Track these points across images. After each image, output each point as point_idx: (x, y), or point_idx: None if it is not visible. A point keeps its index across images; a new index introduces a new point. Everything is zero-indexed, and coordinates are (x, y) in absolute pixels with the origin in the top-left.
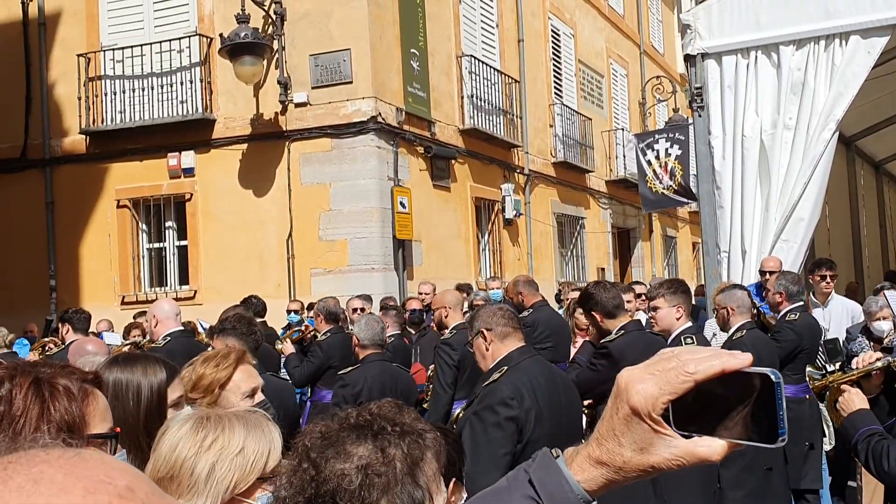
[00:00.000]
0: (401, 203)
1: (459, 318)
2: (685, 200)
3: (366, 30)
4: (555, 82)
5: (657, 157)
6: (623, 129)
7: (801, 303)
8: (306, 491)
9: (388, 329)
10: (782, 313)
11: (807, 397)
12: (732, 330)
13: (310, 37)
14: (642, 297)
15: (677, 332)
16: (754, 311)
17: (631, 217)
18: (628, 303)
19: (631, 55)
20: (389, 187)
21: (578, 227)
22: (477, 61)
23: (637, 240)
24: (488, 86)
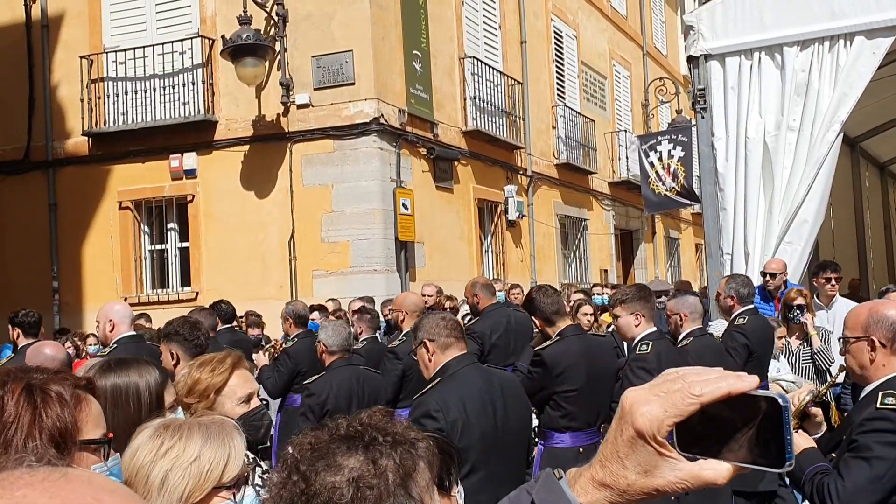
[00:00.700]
0: (403, 204)
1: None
2: (688, 202)
3: (368, 31)
4: (557, 84)
5: (660, 159)
6: (626, 131)
7: (750, 306)
8: None
9: (362, 333)
10: (732, 317)
11: None
12: (681, 337)
13: (312, 38)
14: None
15: (638, 338)
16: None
17: (634, 219)
18: None
19: (634, 56)
20: (392, 189)
21: (581, 229)
22: (479, 63)
23: (640, 241)
24: (491, 87)
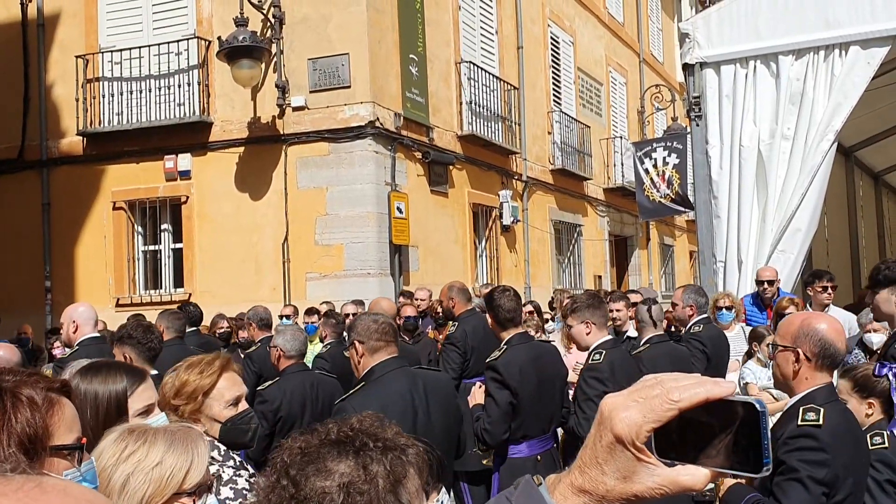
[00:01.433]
0: (398, 208)
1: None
2: (682, 209)
3: (364, 34)
4: (554, 89)
5: (655, 166)
6: (621, 137)
7: (705, 315)
8: None
9: (326, 337)
10: (688, 326)
11: None
12: (641, 343)
13: (308, 41)
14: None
15: (592, 347)
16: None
17: (628, 225)
18: (618, 311)
19: (630, 63)
20: (386, 192)
21: (576, 235)
22: (476, 67)
23: (634, 248)
24: (487, 92)
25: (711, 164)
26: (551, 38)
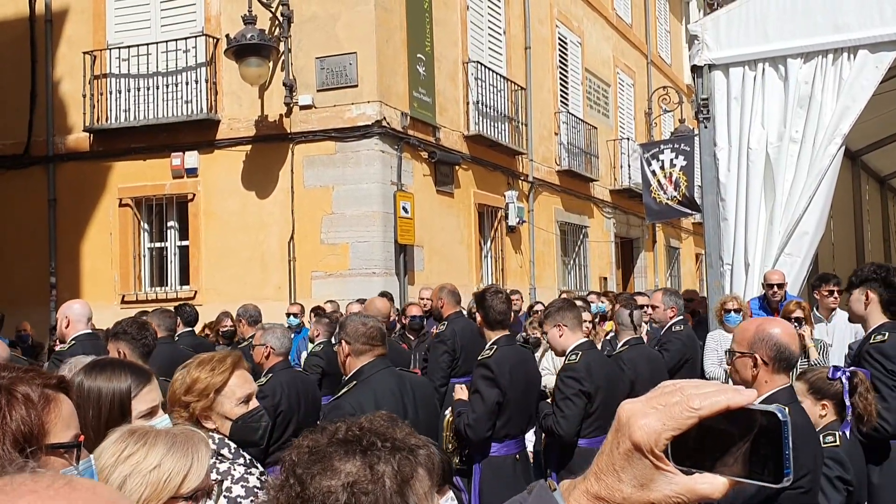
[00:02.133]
0: (403, 208)
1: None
2: (689, 211)
3: (372, 34)
4: (561, 90)
5: (662, 168)
6: (628, 139)
7: (682, 316)
8: None
9: (318, 336)
10: (668, 325)
11: None
12: (619, 345)
13: (316, 39)
14: (643, 308)
15: (569, 349)
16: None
17: (634, 227)
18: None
19: (638, 65)
20: (392, 192)
21: (581, 236)
22: (483, 67)
23: (640, 250)
24: (494, 92)
25: (719, 167)
26: (559, 38)
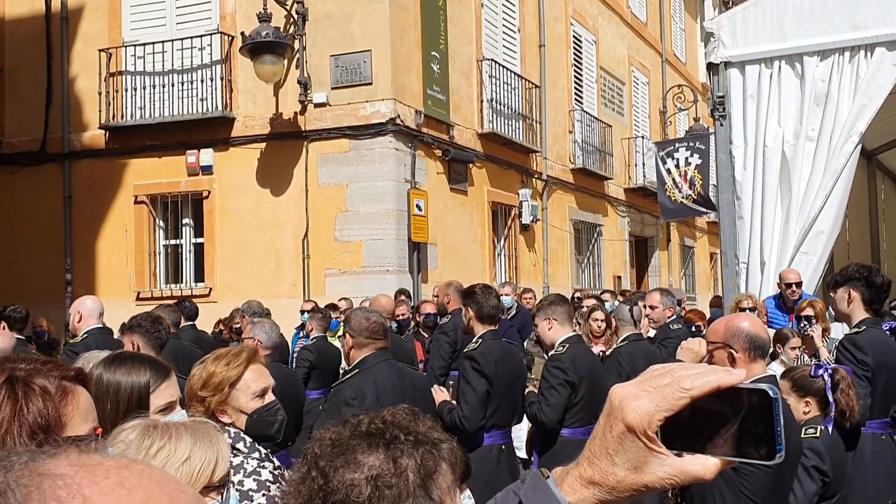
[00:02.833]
0: (417, 206)
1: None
2: (704, 210)
3: (387, 31)
4: (575, 88)
5: (677, 166)
6: (643, 137)
7: (680, 315)
8: (314, 501)
9: (312, 331)
10: (666, 324)
11: None
12: (618, 341)
13: (331, 37)
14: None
15: (558, 341)
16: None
17: (649, 226)
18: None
19: (653, 63)
20: (406, 189)
21: (596, 235)
22: (497, 65)
23: (654, 249)
24: (508, 90)
25: (735, 165)
26: (574, 36)
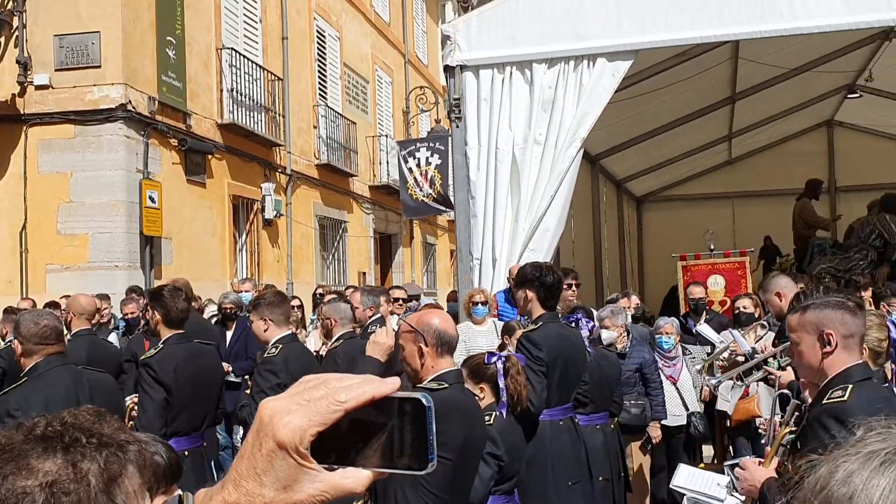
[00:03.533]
0: (150, 197)
1: None
2: (443, 209)
3: (118, 12)
4: (319, 83)
5: (418, 165)
6: (387, 136)
7: (380, 315)
8: None
9: (7, 335)
10: (366, 325)
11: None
12: (333, 339)
13: (55, 15)
14: (399, 302)
15: (271, 343)
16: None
17: (393, 223)
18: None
19: (396, 63)
20: (138, 180)
21: (341, 231)
22: (238, 55)
23: (398, 246)
24: (250, 81)
25: (470, 165)
26: (317, 31)
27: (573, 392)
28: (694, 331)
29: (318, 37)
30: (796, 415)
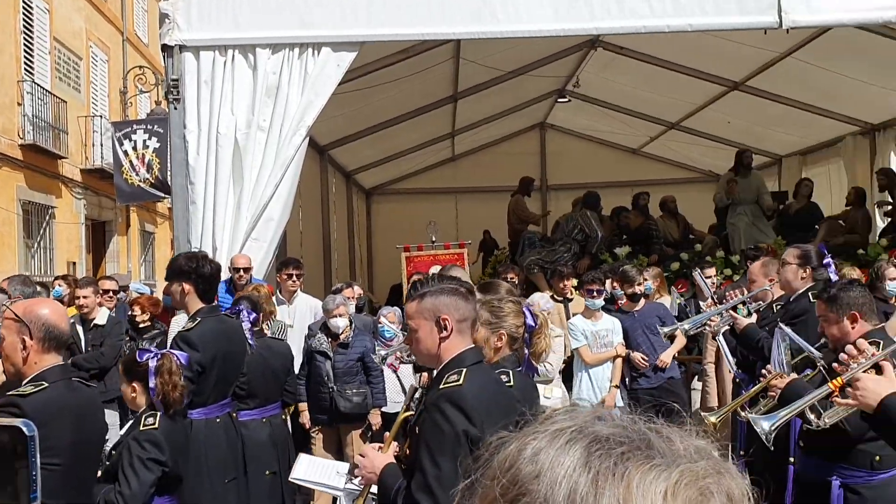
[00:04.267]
0: None
1: None
2: (161, 195)
3: None
4: (25, 57)
5: (134, 148)
6: (102, 117)
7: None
8: None
9: None
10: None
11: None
12: None
13: None
14: (109, 294)
15: None
16: None
17: (107, 209)
18: (86, 298)
19: (113, 41)
20: None
21: (48, 217)
22: None
23: (113, 234)
24: None
25: (189, 150)
26: (23, 1)
27: (232, 387)
28: None
29: (24, 7)
30: (416, 398)
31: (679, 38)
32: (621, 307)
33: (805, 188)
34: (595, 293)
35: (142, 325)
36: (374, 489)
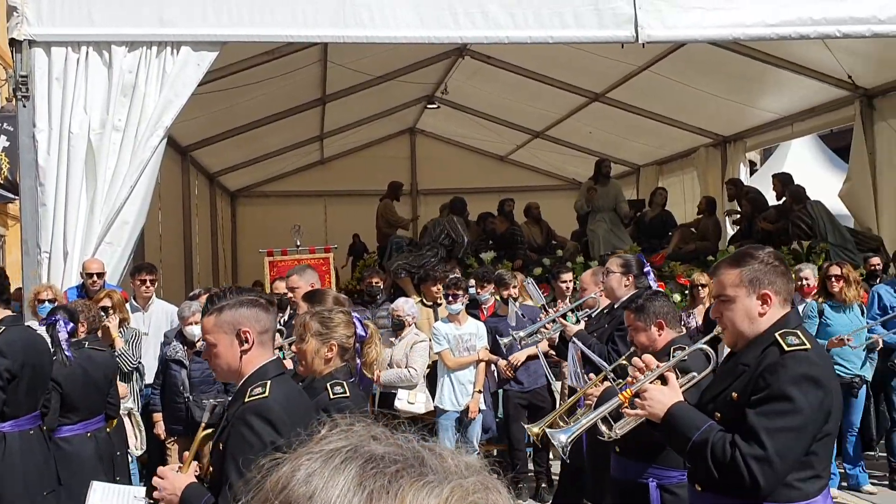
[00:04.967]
0: None
1: None
2: (12, 196)
3: None
4: None
5: None
6: None
7: None
8: None
9: None
10: None
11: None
12: None
13: None
14: None
15: None
16: None
17: None
18: None
19: None
20: None
21: None
22: None
23: None
24: None
25: (39, 149)
26: None
27: (41, 399)
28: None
29: None
30: (215, 414)
31: (543, 50)
32: (496, 311)
33: (659, 197)
34: (451, 298)
35: None
36: None
